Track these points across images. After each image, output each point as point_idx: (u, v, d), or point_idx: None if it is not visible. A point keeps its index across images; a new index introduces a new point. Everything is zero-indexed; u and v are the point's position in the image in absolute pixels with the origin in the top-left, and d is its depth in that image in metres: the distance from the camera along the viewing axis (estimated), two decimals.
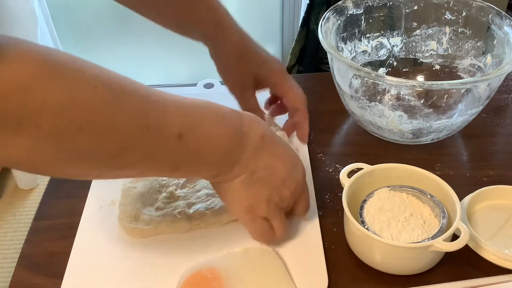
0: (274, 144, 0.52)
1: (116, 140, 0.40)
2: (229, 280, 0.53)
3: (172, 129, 0.44)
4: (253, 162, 0.50)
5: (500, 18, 0.72)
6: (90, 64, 0.40)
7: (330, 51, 0.67)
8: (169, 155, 0.45)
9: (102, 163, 0.42)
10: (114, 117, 0.39)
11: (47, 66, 0.36)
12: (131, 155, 0.42)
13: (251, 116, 0.51)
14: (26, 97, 0.34)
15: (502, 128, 0.77)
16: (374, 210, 0.56)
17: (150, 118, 0.42)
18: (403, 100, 0.74)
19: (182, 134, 0.44)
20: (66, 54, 0.39)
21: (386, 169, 0.60)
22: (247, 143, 0.49)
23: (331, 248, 0.58)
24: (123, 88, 0.41)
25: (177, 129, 0.44)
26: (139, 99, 0.42)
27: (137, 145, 0.42)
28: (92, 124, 0.38)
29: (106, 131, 0.39)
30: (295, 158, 0.55)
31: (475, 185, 0.63)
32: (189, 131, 0.45)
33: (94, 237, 0.59)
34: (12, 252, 1.52)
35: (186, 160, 0.47)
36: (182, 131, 0.44)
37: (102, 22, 1.87)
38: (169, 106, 0.44)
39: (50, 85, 0.35)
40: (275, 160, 0.52)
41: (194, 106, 0.47)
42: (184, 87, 0.84)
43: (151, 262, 0.56)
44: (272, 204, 0.53)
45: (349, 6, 0.76)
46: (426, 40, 0.80)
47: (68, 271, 0.56)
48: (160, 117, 0.43)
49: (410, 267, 0.55)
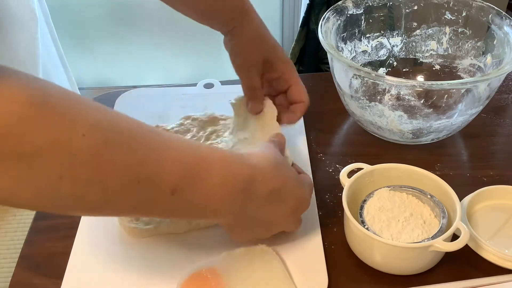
0: (280, 193, 0.50)
1: (100, 193, 0.38)
2: (229, 280, 0.53)
3: (166, 185, 0.41)
4: (254, 212, 0.49)
5: (500, 18, 0.72)
6: (86, 106, 0.37)
7: (330, 51, 0.67)
8: (160, 208, 0.43)
9: (85, 212, 0.40)
10: (99, 169, 0.37)
11: (36, 108, 0.33)
12: (114, 207, 0.40)
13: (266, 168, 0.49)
14: (6, 139, 0.32)
15: (502, 128, 0.77)
16: (374, 210, 0.56)
17: (142, 171, 0.39)
18: (403, 100, 0.74)
19: (176, 190, 0.41)
20: (63, 94, 0.36)
21: (386, 169, 0.60)
22: (252, 199, 0.48)
23: (331, 248, 0.58)
24: (116, 137, 0.38)
25: (172, 184, 0.41)
26: (133, 149, 0.39)
27: (123, 198, 0.39)
28: (73, 174, 0.36)
29: (90, 183, 0.37)
30: (301, 195, 0.53)
31: (475, 185, 0.63)
32: (185, 186, 0.42)
33: (94, 237, 0.59)
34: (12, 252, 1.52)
35: (178, 212, 0.45)
36: (178, 187, 0.41)
37: (102, 22, 1.87)
38: (167, 156, 0.41)
39: (34, 130, 0.33)
40: (279, 207, 0.51)
41: (197, 158, 0.43)
42: (184, 87, 0.84)
43: (151, 262, 0.56)
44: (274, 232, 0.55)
45: (349, 6, 0.76)
46: (426, 40, 0.80)
47: (68, 271, 0.55)
48: (154, 170, 0.40)
49: (410, 267, 0.55)
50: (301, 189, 0.53)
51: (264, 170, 0.49)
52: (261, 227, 0.53)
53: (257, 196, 0.48)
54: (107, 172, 0.37)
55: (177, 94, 0.82)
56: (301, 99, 0.68)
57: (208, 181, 0.43)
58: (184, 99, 0.80)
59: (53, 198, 0.37)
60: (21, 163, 0.33)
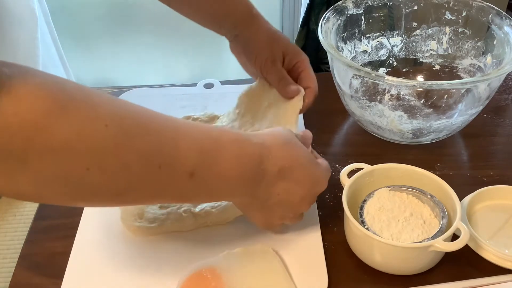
0: (292, 172, 0.50)
1: (124, 180, 0.40)
2: (229, 280, 0.53)
3: (184, 168, 0.43)
4: (267, 193, 0.50)
5: (500, 18, 0.72)
6: (104, 99, 0.39)
7: (330, 51, 0.67)
8: (179, 192, 0.44)
9: (108, 199, 0.41)
10: (124, 157, 0.38)
11: (59, 103, 0.35)
12: (138, 193, 0.42)
13: (273, 146, 0.49)
14: (34, 134, 0.34)
15: (502, 128, 0.77)
16: (374, 210, 0.56)
17: (162, 156, 0.41)
18: (403, 100, 0.74)
19: (194, 173, 0.43)
20: (80, 88, 0.38)
21: (386, 169, 0.60)
22: (264, 178, 0.49)
23: (331, 248, 0.58)
24: (135, 124, 0.40)
25: (190, 168, 0.43)
26: (152, 136, 0.41)
27: (146, 184, 0.41)
28: (100, 164, 0.37)
29: (115, 171, 0.38)
30: (316, 174, 0.53)
31: (475, 185, 0.63)
32: (202, 169, 0.44)
33: (94, 237, 0.59)
34: (12, 252, 1.52)
35: (196, 195, 0.46)
36: (195, 170, 0.43)
37: (102, 22, 1.87)
38: (182, 142, 0.43)
39: (60, 124, 0.35)
40: (293, 186, 0.51)
41: (210, 140, 0.45)
42: (184, 87, 0.84)
43: (151, 262, 0.56)
44: (287, 218, 0.55)
45: (349, 6, 0.76)
46: (426, 40, 0.80)
47: (68, 271, 0.55)
48: (172, 155, 0.42)
49: (410, 267, 0.55)
50: (315, 168, 0.53)
51: (272, 147, 0.49)
52: (275, 209, 0.52)
53: (267, 175, 0.49)
54: (130, 160, 0.39)
55: (177, 94, 0.82)
56: (308, 85, 0.67)
57: (222, 163, 0.45)
58: (184, 99, 0.80)
59: (80, 189, 0.38)
60: (50, 157, 0.35)
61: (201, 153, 0.44)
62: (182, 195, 0.46)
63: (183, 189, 0.44)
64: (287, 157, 0.50)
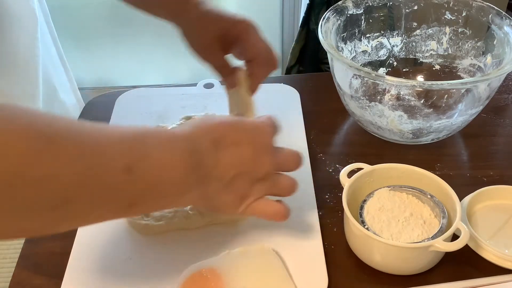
0: (224, 137, 0.47)
1: (56, 190, 0.37)
2: (229, 280, 0.53)
3: (117, 164, 0.40)
4: (216, 171, 0.46)
5: (500, 18, 0.72)
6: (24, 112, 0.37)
7: (330, 51, 0.67)
8: (121, 193, 0.41)
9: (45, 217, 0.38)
10: (48, 166, 0.36)
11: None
12: (77, 203, 0.39)
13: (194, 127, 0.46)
14: None
15: (502, 128, 0.77)
16: (374, 210, 0.56)
17: (89, 158, 0.38)
18: (403, 100, 0.74)
19: (130, 168, 0.40)
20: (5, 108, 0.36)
21: (386, 169, 0.60)
22: (203, 157, 0.45)
23: (331, 248, 0.58)
24: (56, 131, 0.38)
25: (123, 163, 0.40)
26: (76, 141, 0.38)
27: (81, 190, 0.38)
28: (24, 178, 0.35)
29: (41, 182, 0.36)
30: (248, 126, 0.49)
31: (475, 185, 0.63)
32: (136, 161, 0.41)
33: (94, 237, 0.59)
34: (12, 252, 1.52)
35: (143, 194, 0.43)
36: (129, 164, 0.40)
37: (102, 22, 1.87)
38: (107, 140, 0.41)
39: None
40: (234, 149, 0.47)
41: (136, 135, 0.43)
42: (184, 87, 0.84)
43: (151, 262, 0.56)
44: (258, 184, 0.49)
45: (349, 6, 0.76)
46: (426, 40, 0.80)
47: (68, 271, 0.56)
48: (101, 155, 0.39)
49: (410, 267, 0.55)
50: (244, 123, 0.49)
51: (193, 129, 0.46)
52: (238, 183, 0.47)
53: (204, 153, 0.45)
54: (56, 167, 0.36)
55: (177, 94, 0.82)
56: (252, 56, 0.61)
57: (154, 152, 0.42)
58: (184, 99, 0.80)
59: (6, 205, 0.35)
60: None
61: (129, 147, 0.41)
62: (127, 197, 0.42)
63: (124, 188, 0.41)
64: (212, 129, 0.46)
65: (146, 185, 0.42)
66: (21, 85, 0.86)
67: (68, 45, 1.74)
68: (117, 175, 0.40)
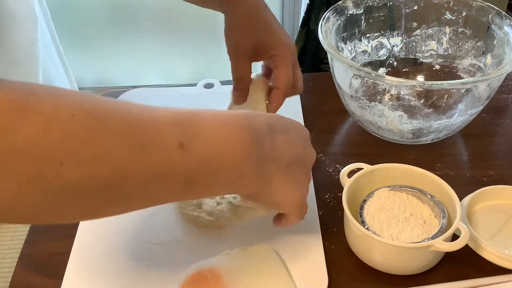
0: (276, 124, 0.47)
1: (107, 168, 0.36)
2: (229, 280, 0.53)
3: (170, 141, 0.39)
4: (273, 149, 0.45)
5: (500, 18, 0.72)
6: (68, 92, 0.36)
7: (330, 51, 0.67)
8: (176, 170, 0.40)
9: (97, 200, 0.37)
10: (99, 143, 0.35)
11: (19, 103, 0.32)
12: (130, 183, 0.37)
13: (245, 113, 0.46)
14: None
15: (502, 128, 0.77)
16: (374, 210, 0.56)
17: (141, 134, 0.38)
18: (403, 100, 0.74)
19: (183, 143, 0.39)
20: (43, 86, 0.35)
21: (386, 169, 0.60)
22: (259, 133, 0.44)
23: (331, 248, 0.58)
24: (104, 110, 0.37)
25: (176, 139, 0.39)
26: (125, 118, 0.38)
27: (134, 168, 0.37)
28: (75, 156, 0.34)
29: (93, 160, 0.35)
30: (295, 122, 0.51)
31: (475, 185, 0.62)
32: (190, 138, 0.40)
33: (94, 237, 0.59)
34: (12, 252, 1.52)
35: (200, 171, 0.41)
36: (183, 140, 0.39)
37: (102, 22, 1.87)
38: (159, 118, 0.40)
39: (22, 123, 0.32)
40: (286, 135, 0.47)
41: (187, 114, 0.42)
42: (184, 87, 0.84)
43: (151, 263, 0.56)
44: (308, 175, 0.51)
45: (349, 6, 0.76)
46: (426, 40, 0.80)
47: (68, 271, 0.56)
48: (153, 131, 0.38)
49: (410, 267, 0.55)
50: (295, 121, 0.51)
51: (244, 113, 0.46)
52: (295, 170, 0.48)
53: (260, 130, 0.45)
54: (107, 145, 0.35)
55: (177, 94, 0.82)
56: (276, 85, 0.64)
57: (207, 128, 0.42)
58: (184, 99, 0.80)
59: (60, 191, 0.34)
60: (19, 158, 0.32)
61: (182, 123, 0.40)
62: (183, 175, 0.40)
63: (179, 164, 0.39)
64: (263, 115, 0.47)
65: (202, 160, 0.41)
66: None
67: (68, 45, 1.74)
68: (171, 150, 0.39)
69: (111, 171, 0.36)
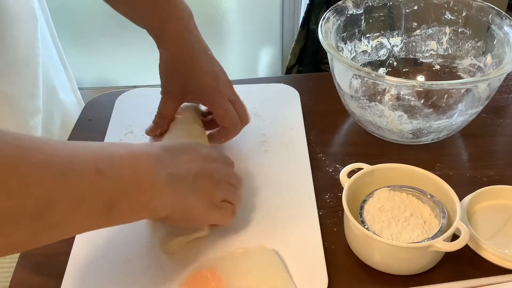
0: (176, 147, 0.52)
1: (35, 198, 0.38)
2: (229, 280, 0.53)
3: (87, 167, 0.42)
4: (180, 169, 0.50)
5: (500, 18, 0.72)
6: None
7: (330, 51, 0.67)
8: (96, 194, 0.43)
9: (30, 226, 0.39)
10: (25, 174, 0.38)
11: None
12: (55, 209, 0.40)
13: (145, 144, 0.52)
14: None
15: (502, 128, 0.77)
16: (374, 210, 0.56)
17: (61, 163, 0.40)
18: (403, 100, 0.74)
19: (100, 169, 0.43)
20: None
21: (386, 169, 0.60)
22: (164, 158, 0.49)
23: (331, 248, 0.58)
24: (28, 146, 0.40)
25: (93, 165, 0.43)
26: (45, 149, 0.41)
27: (59, 194, 0.40)
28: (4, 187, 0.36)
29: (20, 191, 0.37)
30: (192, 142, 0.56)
31: (475, 185, 0.62)
32: (106, 164, 0.44)
33: (94, 237, 0.59)
34: None
35: (118, 194, 0.44)
36: (99, 166, 0.43)
37: (102, 22, 1.87)
38: (74, 147, 0.43)
39: None
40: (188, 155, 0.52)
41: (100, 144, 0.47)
42: None
43: (151, 263, 0.56)
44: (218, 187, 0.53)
45: (349, 6, 0.76)
46: (426, 40, 0.80)
47: (68, 271, 0.56)
48: (70, 159, 0.42)
49: (410, 267, 0.55)
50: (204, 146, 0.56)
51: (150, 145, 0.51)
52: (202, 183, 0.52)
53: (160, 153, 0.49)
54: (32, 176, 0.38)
55: None
56: (222, 125, 0.66)
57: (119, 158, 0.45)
58: None
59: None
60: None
61: (97, 151, 0.44)
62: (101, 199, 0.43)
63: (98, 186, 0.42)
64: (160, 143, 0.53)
65: (119, 183, 0.44)
66: (21, 85, 0.86)
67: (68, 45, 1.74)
68: (89, 175, 0.42)
69: (38, 198, 0.38)
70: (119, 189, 0.44)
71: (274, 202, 0.63)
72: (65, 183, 0.40)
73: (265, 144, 0.72)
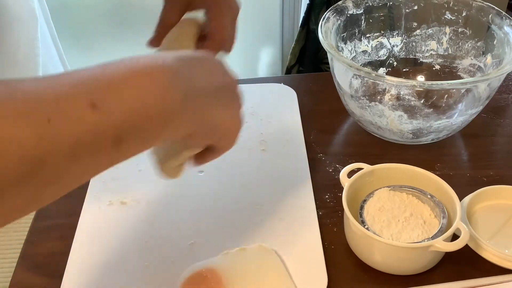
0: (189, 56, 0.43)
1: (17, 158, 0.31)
2: (229, 280, 0.53)
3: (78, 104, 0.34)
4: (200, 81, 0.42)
5: (500, 18, 0.72)
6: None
7: (330, 51, 0.67)
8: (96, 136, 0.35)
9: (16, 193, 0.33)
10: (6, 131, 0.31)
11: None
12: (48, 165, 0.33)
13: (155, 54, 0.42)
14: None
15: (502, 128, 0.77)
16: (374, 210, 0.56)
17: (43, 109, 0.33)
18: (403, 100, 0.74)
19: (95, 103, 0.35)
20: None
21: (386, 169, 0.60)
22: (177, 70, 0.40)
23: (331, 248, 0.58)
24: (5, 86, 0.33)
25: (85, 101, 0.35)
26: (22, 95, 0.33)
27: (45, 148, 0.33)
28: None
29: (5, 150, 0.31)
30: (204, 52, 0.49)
31: (475, 185, 0.62)
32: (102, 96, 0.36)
33: (94, 237, 0.59)
34: (12, 252, 1.52)
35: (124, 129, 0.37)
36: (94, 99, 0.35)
37: (102, 22, 1.87)
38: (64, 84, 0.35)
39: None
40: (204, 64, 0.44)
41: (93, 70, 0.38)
42: None
43: (151, 263, 0.56)
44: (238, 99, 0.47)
45: (349, 6, 0.76)
46: (426, 40, 0.80)
47: (68, 271, 0.56)
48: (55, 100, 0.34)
49: (410, 267, 0.55)
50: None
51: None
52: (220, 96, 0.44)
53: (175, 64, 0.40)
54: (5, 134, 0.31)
55: None
56: (210, 36, 0.58)
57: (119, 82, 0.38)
58: None
59: None
60: None
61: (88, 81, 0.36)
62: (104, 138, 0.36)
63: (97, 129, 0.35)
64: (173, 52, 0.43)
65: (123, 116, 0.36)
66: None
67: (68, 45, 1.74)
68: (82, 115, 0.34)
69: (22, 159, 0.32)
70: (124, 124, 0.37)
71: (272, 202, 0.63)
72: (52, 133, 0.33)
73: (263, 143, 0.72)
